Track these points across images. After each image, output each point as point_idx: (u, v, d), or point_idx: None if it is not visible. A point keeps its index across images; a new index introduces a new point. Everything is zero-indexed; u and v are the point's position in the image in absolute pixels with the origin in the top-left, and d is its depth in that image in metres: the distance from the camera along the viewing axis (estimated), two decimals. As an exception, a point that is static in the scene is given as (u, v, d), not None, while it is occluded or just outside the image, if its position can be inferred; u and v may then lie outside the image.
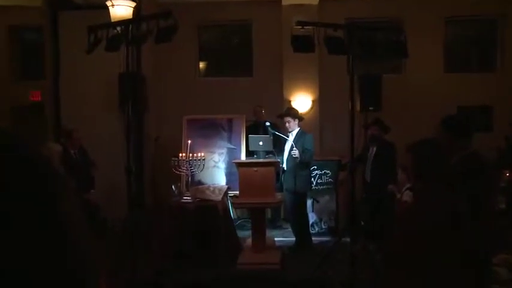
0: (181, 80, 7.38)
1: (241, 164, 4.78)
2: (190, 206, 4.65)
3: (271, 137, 4.95)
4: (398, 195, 4.66)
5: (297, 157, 4.84)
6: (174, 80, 7.34)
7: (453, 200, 1.65)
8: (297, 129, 5.11)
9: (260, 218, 4.74)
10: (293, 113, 5.16)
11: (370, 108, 5.08)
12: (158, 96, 7.10)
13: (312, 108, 7.13)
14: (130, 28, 3.57)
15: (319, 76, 7.11)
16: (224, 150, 5.70)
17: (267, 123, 5.14)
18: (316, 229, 5.89)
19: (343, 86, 4.37)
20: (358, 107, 5.30)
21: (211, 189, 5.04)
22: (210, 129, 5.78)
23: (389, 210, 4.71)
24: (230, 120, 5.83)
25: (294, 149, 4.85)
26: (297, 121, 5.12)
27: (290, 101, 7.06)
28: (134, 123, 3.87)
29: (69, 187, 0.45)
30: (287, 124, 5.09)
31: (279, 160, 4.88)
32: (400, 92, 6.98)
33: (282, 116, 5.21)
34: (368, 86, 5.10)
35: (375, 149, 5.31)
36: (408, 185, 4.56)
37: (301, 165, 4.94)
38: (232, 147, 5.70)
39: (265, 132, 5.20)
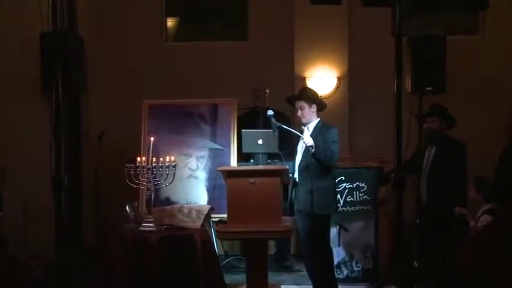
0: (139, 45, 7.35)
1: (230, 173, 4.76)
2: (154, 237, 4.65)
3: (277, 133, 4.92)
4: (472, 223, 4.63)
5: (311, 145, 4.81)
6: (128, 46, 7.31)
7: None
8: (315, 121, 5.10)
9: (259, 255, 4.74)
10: (309, 96, 5.14)
11: (428, 88, 5.07)
12: (104, 69, 7.05)
13: (337, 89, 7.12)
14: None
15: (349, 41, 7.10)
16: (205, 153, 5.69)
17: (270, 112, 5.11)
18: (345, 272, 5.87)
19: (386, 55, 4.32)
20: (408, 87, 5.27)
21: (186, 211, 5.04)
22: (184, 121, 5.79)
23: (458, 244, 4.66)
24: (214, 107, 5.83)
25: (304, 138, 4.80)
26: (314, 108, 5.10)
27: (305, 79, 7.06)
28: (66, 110, 3.81)
29: None
30: (300, 112, 5.06)
31: (287, 167, 4.84)
32: (476, 64, 6.94)
33: (292, 101, 5.17)
34: (424, 54, 5.07)
35: (434, 151, 5.31)
36: (487, 207, 4.52)
37: (320, 173, 4.93)
38: (218, 147, 5.69)
39: (267, 125, 5.14)
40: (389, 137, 3.91)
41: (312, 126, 5.08)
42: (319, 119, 5.12)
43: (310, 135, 4.97)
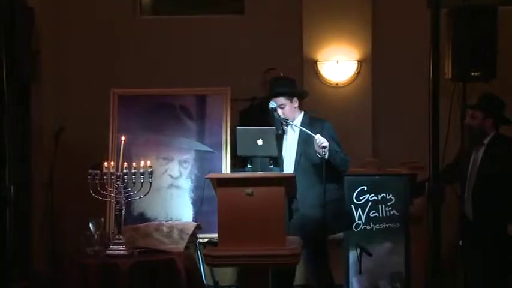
0: (106, 20, 7.35)
1: (222, 182, 4.74)
2: (125, 263, 4.65)
3: (281, 131, 4.96)
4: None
5: (324, 147, 4.83)
6: (92, 21, 7.31)
7: None
8: (299, 116, 5.23)
9: (259, 286, 4.71)
10: (287, 89, 5.24)
11: (474, 73, 5.05)
12: (60, 50, 7.04)
13: (357, 75, 7.14)
14: None
15: (373, 14, 7.13)
16: (190, 156, 5.72)
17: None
18: (368, 308, 5.90)
19: (420, 33, 4.32)
20: (448, 73, 5.25)
21: (165, 230, 5.06)
22: (163, 116, 5.83)
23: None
24: (202, 98, 5.86)
25: (316, 139, 4.85)
26: (296, 102, 5.23)
27: (316, 62, 7.10)
28: (12, 102, 3.80)
29: None
30: (280, 111, 5.16)
31: (294, 174, 4.87)
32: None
33: (269, 99, 5.26)
34: (470, 30, 5.05)
35: (481, 154, 5.31)
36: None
37: (327, 179, 4.93)
38: (206, 149, 5.71)
39: (268, 120, 5.19)
40: (423, 136, 3.88)
41: (297, 123, 5.17)
42: (302, 112, 5.22)
43: (299, 135, 5.10)
